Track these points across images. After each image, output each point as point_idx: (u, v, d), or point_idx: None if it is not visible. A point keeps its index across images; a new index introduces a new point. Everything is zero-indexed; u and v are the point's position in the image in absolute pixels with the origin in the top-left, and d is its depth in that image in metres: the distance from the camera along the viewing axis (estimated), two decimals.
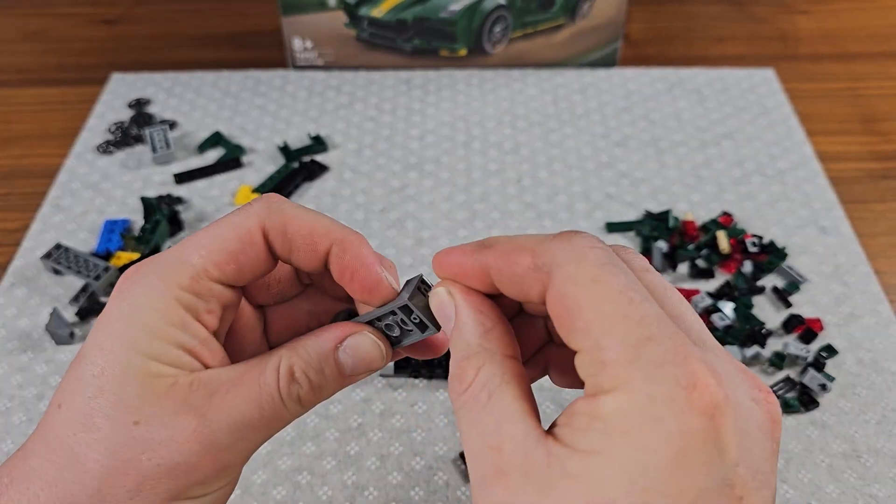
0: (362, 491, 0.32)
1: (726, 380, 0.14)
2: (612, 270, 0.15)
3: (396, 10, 0.52)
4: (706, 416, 0.14)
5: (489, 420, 0.15)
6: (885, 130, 0.51)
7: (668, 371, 0.14)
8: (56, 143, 0.51)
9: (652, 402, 0.14)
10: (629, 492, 0.14)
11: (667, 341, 0.14)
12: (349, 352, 0.19)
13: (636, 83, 0.54)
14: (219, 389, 0.17)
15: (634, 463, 0.14)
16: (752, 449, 0.14)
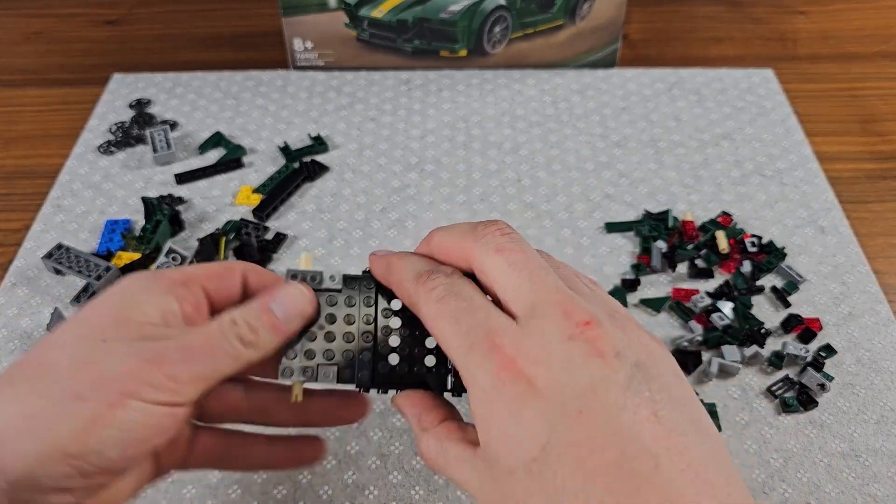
0: (363, 490, 0.33)
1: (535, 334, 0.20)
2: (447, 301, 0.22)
3: (396, 11, 0.53)
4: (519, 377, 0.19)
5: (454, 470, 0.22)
6: (884, 131, 0.51)
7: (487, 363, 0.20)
8: (57, 144, 0.51)
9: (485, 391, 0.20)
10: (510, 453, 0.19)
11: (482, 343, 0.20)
12: (277, 300, 0.23)
13: (635, 84, 0.55)
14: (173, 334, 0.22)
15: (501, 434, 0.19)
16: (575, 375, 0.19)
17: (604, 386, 0.19)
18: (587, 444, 0.18)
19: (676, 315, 0.39)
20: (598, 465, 0.18)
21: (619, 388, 0.19)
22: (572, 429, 0.18)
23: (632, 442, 0.18)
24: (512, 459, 0.19)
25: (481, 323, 0.20)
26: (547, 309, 0.20)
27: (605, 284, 0.41)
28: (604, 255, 0.42)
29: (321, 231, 0.44)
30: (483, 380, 0.20)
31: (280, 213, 0.45)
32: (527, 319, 0.20)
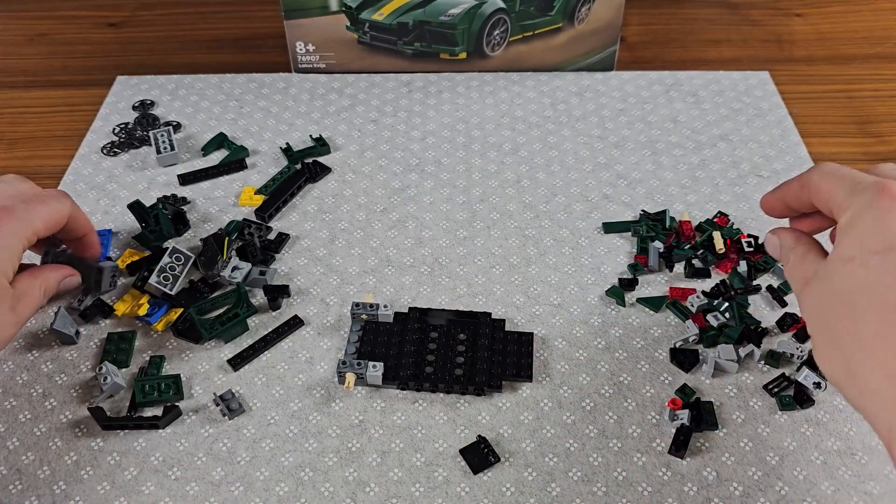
0: (363, 487, 0.33)
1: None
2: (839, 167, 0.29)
3: (397, 14, 0.53)
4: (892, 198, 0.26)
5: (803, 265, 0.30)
6: (880, 132, 0.52)
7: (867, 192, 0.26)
8: (61, 145, 0.51)
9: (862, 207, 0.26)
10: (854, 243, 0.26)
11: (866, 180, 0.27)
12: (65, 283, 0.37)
13: (633, 86, 0.55)
14: (21, 298, 0.34)
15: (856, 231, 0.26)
16: None
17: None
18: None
19: (674, 314, 0.40)
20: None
21: None
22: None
23: None
24: (854, 249, 0.26)
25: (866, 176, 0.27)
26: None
27: (604, 284, 0.41)
28: (602, 255, 0.43)
29: (323, 231, 0.45)
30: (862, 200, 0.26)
31: (282, 214, 0.46)
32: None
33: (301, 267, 0.43)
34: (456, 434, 0.35)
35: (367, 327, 0.38)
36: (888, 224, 0.25)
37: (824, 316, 0.27)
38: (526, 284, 0.41)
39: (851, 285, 0.25)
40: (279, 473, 0.33)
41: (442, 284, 0.41)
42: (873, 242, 0.25)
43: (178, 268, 0.40)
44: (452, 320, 0.39)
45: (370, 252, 0.43)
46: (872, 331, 0.24)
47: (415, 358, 0.37)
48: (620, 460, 0.33)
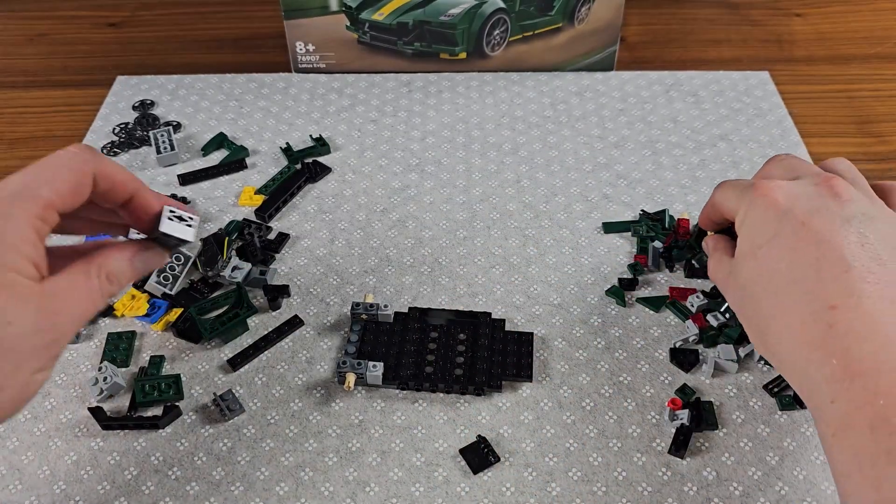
0: (363, 487, 0.33)
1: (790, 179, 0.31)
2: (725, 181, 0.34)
3: (397, 14, 0.53)
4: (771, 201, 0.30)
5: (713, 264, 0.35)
6: (880, 132, 0.52)
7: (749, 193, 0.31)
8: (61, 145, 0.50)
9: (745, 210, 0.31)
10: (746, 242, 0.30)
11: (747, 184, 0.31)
12: (141, 259, 0.28)
13: (633, 86, 0.55)
14: (60, 294, 0.25)
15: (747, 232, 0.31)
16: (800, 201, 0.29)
17: (829, 213, 0.28)
18: (800, 243, 0.27)
19: (674, 314, 0.40)
20: (803, 259, 0.27)
21: (840, 218, 0.27)
22: (793, 232, 0.28)
23: (833, 250, 0.27)
24: (747, 246, 0.30)
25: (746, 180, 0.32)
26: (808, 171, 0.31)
27: (603, 284, 0.41)
28: (602, 255, 0.43)
29: (323, 231, 0.45)
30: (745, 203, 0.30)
31: (282, 214, 0.46)
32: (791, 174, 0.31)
33: (301, 267, 0.43)
34: (456, 434, 0.35)
35: (367, 327, 0.38)
36: (766, 217, 0.29)
37: (741, 307, 0.31)
38: (526, 284, 0.41)
39: (750, 277, 0.30)
40: (279, 473, 0.33)
41: (442, 284, 0.41)
42: (758, 236, 0.29)
43: (178, 268, 0.40)
44: (452, 320, 0.39)
45: (370, 252, 0.43)
46: (772, 312, 0.28)
47: (415, 358, 0.37)
48: (620, 460, 0.33)
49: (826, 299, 0.26)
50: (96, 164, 0.26)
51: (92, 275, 0.26)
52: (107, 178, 0.26)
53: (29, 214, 0.24)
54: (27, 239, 0.24)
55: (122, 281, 0.27)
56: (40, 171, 0.25)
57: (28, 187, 0.24)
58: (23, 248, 0.23)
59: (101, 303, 0.26)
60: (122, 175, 0.27)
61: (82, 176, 0.26)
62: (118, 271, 0.27)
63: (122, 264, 0.27)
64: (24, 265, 0.24)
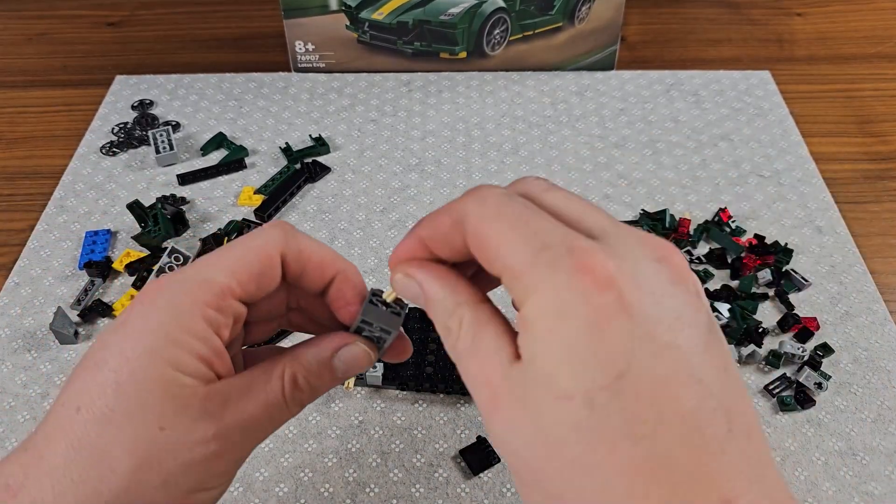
0: (363, 487, 0.33)
1: (621, 252, 0.17)
2: (509, 203, 0.18)
3: (397, 13, 0.53)
4: (606, 287, 0.16)
5: (478, 360, 0.18)
6: (880, 132, 0.52)
7: (563, 265, 0.16)
8: (61, 145, 0.51)
9: (559, 295, 0.16)
10: (574, 376, 0.16)
11: (559, 243, 0.17)
12: (343, 359, 0.22)
13: (634, 85, 0.55)
14: (231, 397, 0.20)
15: (567, 352, 0.16)
16: (663, 300, 0.16)
17: (691, 323, 0.16)
18: (669, 383, 0.16)
19: None
20: (677, 411, 0.15)
21: (704, 328, 0.17)
22: (657, 363, 0.16)
23: (709, 395, 0.16)
24: (572, 383, 0.16)
25: (556, 227, 0.17)
26: (622, 231, 0.18)
27: None
28: None
29: (322, 231, 0.45)
30: (558, 282, 0.16)
31: (282, 214, 0.46)
32: (606, 237, 0.17)
33: None
34: (456, 435, 0.35)
35: None
36: (609, 337, 0.16)
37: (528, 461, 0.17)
38: None
39: (574, 435, 0.16)
40: (279, 474, 0.33)
41: None
42: (598, 372, 0.16)
43: (177, 268, 0.39)
44: None
45: (370, 252, 0.43)
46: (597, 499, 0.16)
47: (415, 358, 0.37)
48: None
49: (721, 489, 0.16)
50: (288, 243, 0.21)
51: (274, 377, 0.21)
52: (300, 260, 0.21)
53: (200, 303, 0.20)
54: (196, 332, 0.19)
55: (316, 386, 0.21)
56: (221, 254, 0.21)
57: (202, 269, 0.20)
58: (189, 343, 0.19)
59: (285, 412, 0.21)
60: (321, 254, 0.22)
61: (269, 257, 0.21)
62: (309, 374, 0.21)
63: (314, 366, 0.21)
64: (189, 362, 0.19)
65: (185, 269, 0.21)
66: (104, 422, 0.19)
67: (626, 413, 0.16)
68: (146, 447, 0.19)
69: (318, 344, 0.22)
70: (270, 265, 0.21)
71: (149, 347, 0.19)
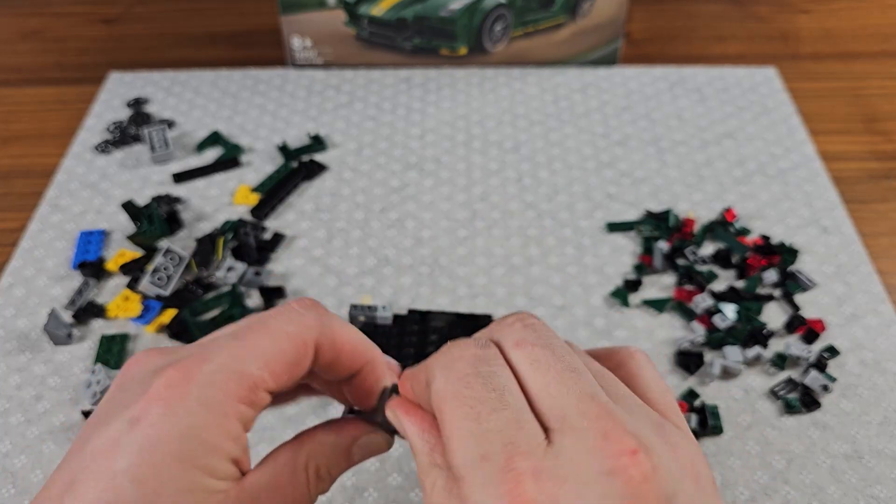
0: (362, 493, 0.32)
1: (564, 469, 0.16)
2: (471, 383, 0.18)
3: (396, 9, 0.52)
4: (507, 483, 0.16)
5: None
6: (887, 130, 0.51)
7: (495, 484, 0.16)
8: (54, 143, 0.50)
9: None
10: None
11: (498, 457, 0.16)
12: (363, 447, 0.22)
13: (637, 82, 0.54)
14: (260, 496, 0.19)
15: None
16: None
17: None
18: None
19: (679, 315, 0.39)
20: None
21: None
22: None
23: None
24: None
25: (504, 428, 0.17)
26: (581, 424, 0.16)
27: (607, 285, 0.41)
28: (605, 255, 0.42)
29: (320, 231, 0.44)
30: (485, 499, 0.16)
31: (278, 213, 0.45)
32: (559, 435, 0.16)
33: (297, 267, 0.42)
34: None
35: (366, 329, 0.38)
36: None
37: None
38: (528, 285, 0.41)
39: None
40: None
41: (442, 286, 0.41)
42: None
43: (173, 268, 0.39)
44: (453, 322, 0.38)
45: (368, 252, 0.43)
46: None
47: (414, 361, 0.36)
48: None
49: None
50: (323, 331, 0.20)
51: (299, 469, 0.20)
52: (334, 349, 0.20)
53: (233, 399, 0.18)
54: (229, 433, 0.18)
55: (335, 476, 0.21)
56: (254, 341, 0.19)
57: (235, 360, 0.19)
58: (223, 445, 0.18)
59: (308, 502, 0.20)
60: (353, 343, 0.21)
61: (303, 346, 0.20)
62: (332, 465, 0.21)
63: (337, 457, 0.21)
64: (222, 465, 0.18)
65: (217, 352, 0.19)
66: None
67: None
68: None
69: (337, 432, 0.21)
70: (305, 354, 0.20)
71: (180, 455, 0.18)
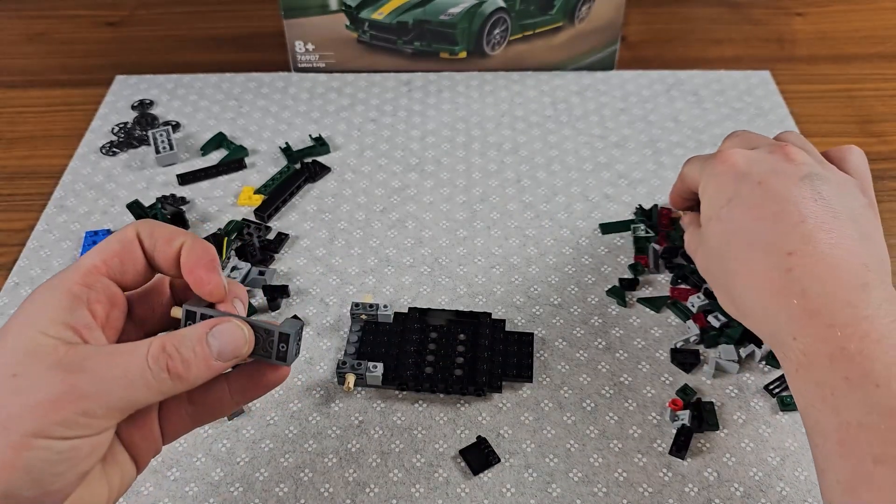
0: (363, 488, 0.33)
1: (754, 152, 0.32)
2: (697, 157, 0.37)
3: (397, 13, 0.53)
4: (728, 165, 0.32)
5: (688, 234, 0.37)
6: (882, 132, 0.52)
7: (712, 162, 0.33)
8: (60, 144, 0.51)
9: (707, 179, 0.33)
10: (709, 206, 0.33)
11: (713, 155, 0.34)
12: (216, 335, 0.22)
13: (634, 85, 0.55)
14: (92, 355, 0.21)
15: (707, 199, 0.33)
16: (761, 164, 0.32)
17: (784, 173, 0.30)
18: (758, 201, 0.30)
19: (675, 314, 0.39)
20: (762, 214, 0.29)
21: (796, 177, 0.30)
22: (752, 191, 0.30)
23: (789, 204, 0.29)
24: (710, 210, 0.32)
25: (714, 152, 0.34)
26: (763, 142, 0.33)
27: (604, 284, 0.41)
28: (602, 255, 0.43)
29: (322, 231, 0.45)
30: (707, 172, 0.33)
31: (281, 214, 0.46)
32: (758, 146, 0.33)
33: (300, 267, 0.42)
34: (456, 435, 0.35)
35: (367, 328, 0.38)
36: (726, 181, 0.31)
37: (710, 271, 0.33)
38: (526, 284, 0.41)
39: (715, 238, 0.31)
40: (278, 474, 0.33)
41: (442, 284, 0.41)
42: (718, 200, 0.31)
43: None
44: (452, 320, 0.38)
45: (370, 252, 0.43)
46: (736, 267, 0.30)
47: (415, 358, 0.37)
48: (621, 461, 0.33)
49: (784, 248, 0.28)
50: (141, 227, 0.24)
51: (141, 345, 0.21)
52: (151, 235, 0.24)
53: (67, 280, 0.22)
54: (58, 304, 0.22)
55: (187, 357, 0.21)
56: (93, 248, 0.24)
57: (75, 262, 0.23)
58: (54, 312, 0.21)
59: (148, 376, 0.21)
60: (169, 228, 0.24)
61: (125, 237, 0.24)
62: (180, 344, 0.21)
63: (186, 337, 0.22)
64: (52, 327, 0.21)
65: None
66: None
67: (734, 218, 0.31)
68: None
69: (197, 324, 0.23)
70: (129, 241, 0.24)
71: (24, 318, 0.22)
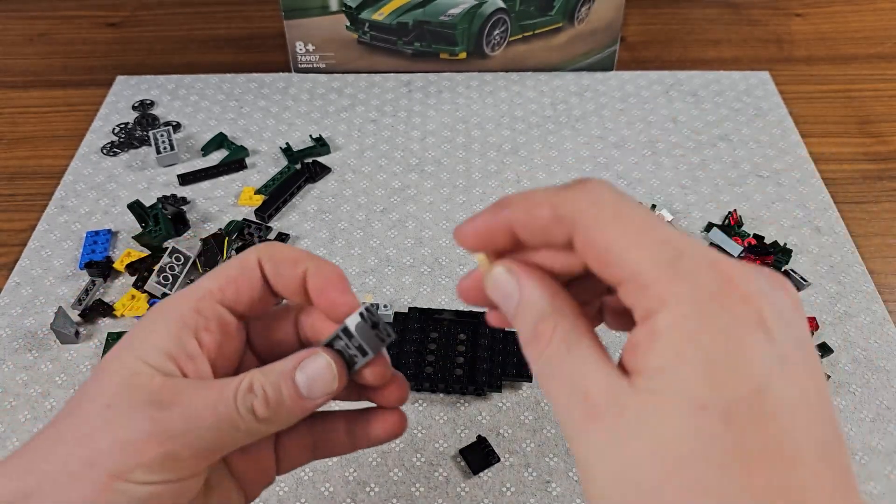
0: (364, 487, 0.33)
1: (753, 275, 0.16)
2: (630, 204, 0.17)
3: (397, 14, 0.53)
4: (748, 304, 0.16)
5: (572, 369, 0.17)
6: (880, 132, 0.52)
7: (705, 276, 0.16)
8: (61, 145, 0.51)
9: (699, 305, 0.15)
10: (711, 385, 0.15)
11: (696, 253, 0.16)
12: (304, 370, 0.21)
13: (633, 86, 0.55)
14: (184, 391, 0.20)
15: (704, 360, 0.15)
16: (790, 327, 0.16)
17: (809, 343, 0.16)
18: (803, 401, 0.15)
19: None
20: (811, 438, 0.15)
21: (815, 350, 0.18)
22: (791, 385, 0.15)
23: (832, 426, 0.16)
24: (710, 394, 0.15)
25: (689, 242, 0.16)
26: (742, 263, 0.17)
27: None
28: None
29: (322, 231, 0.45)
30: (701, 294, 0.15)
31: (282, 214, 0.46)
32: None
33: None
34: (456, 434, 0.35)
35: None
36: (749, 351, 0.15)
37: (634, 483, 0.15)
38: None
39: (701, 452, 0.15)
40: None
41: (442, 284, 0.41)
42: (738, 384, 0.15)
43: (178, 268, 0.40)
44: (452, 320, 0.39)
45: (370, 252, 0.43)
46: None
47: (415, 358, 0.37)
48: None
49: None
50: (260, 248, 0.22)
51: (231, 382, 0.20)
52: (273, 259, 0.22)
53: (178, 306, 0.21)
54: (166, 332, 0.20)
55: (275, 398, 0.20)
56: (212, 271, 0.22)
57: (194, 284, 0.22)
58: (157, 340, 0.20)
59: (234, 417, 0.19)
60: (292, 251, 0.22)
61: (246, 263, 0.22)
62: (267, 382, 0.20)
63: (273, 375, 0.20)
64: (153, 356, 0.20)
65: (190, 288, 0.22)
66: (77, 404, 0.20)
67: (763, 434, 0.15)
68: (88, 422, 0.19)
69: (286, 358, 0.21)
70: (248, 268, 0.22)
71: (128, 342, 0.21)
